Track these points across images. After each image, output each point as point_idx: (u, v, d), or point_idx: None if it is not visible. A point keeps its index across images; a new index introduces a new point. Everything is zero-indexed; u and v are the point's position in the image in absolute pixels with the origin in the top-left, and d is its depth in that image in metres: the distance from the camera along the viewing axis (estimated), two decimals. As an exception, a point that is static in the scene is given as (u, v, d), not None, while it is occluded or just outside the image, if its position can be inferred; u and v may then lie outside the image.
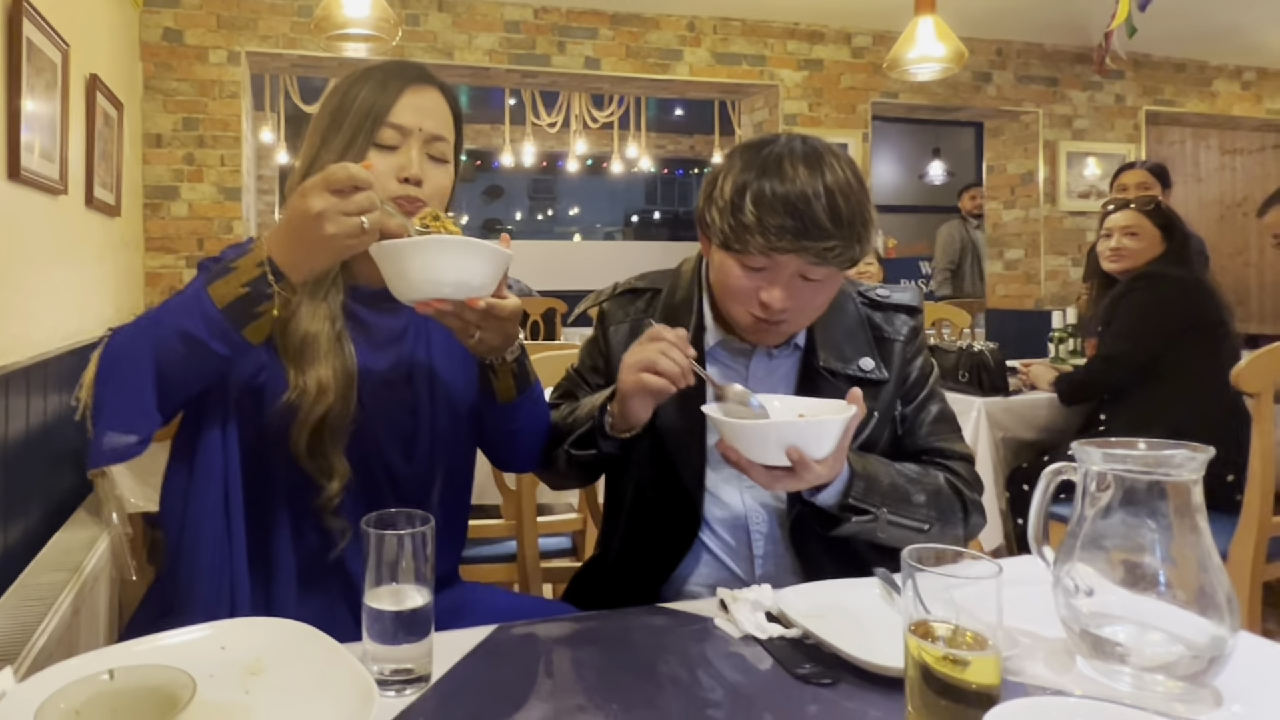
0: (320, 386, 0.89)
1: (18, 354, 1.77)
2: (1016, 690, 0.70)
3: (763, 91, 4.50)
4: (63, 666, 0.66)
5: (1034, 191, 4.96)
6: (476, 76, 4.19)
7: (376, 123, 0.93)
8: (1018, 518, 2.43)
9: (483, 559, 1.82)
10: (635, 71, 4.18)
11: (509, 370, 0.96)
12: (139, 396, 0.79)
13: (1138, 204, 2.37)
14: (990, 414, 2.41)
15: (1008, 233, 5.15)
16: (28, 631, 1.36)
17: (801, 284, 0.96)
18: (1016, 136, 5.06)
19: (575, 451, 1.01)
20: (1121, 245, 2.35)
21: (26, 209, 1.88)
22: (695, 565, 1.08)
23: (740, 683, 0.73)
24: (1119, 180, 3.27)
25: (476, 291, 0.83)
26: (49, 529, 1.84)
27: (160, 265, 3.49)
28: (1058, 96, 4.90)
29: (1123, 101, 5.03)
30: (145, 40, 3.46)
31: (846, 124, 4.49)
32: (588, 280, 10.46)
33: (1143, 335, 2.22)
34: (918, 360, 1.10)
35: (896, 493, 0.97)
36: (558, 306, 6.00)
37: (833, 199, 0.92)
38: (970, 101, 4.76)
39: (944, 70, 2.76)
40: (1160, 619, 0.71)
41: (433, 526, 0.71)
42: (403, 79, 0.95)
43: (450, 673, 0.73)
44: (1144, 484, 0.70)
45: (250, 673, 0.70)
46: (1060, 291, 4.91)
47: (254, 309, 0.79)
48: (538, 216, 12.73)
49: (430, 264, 0.80)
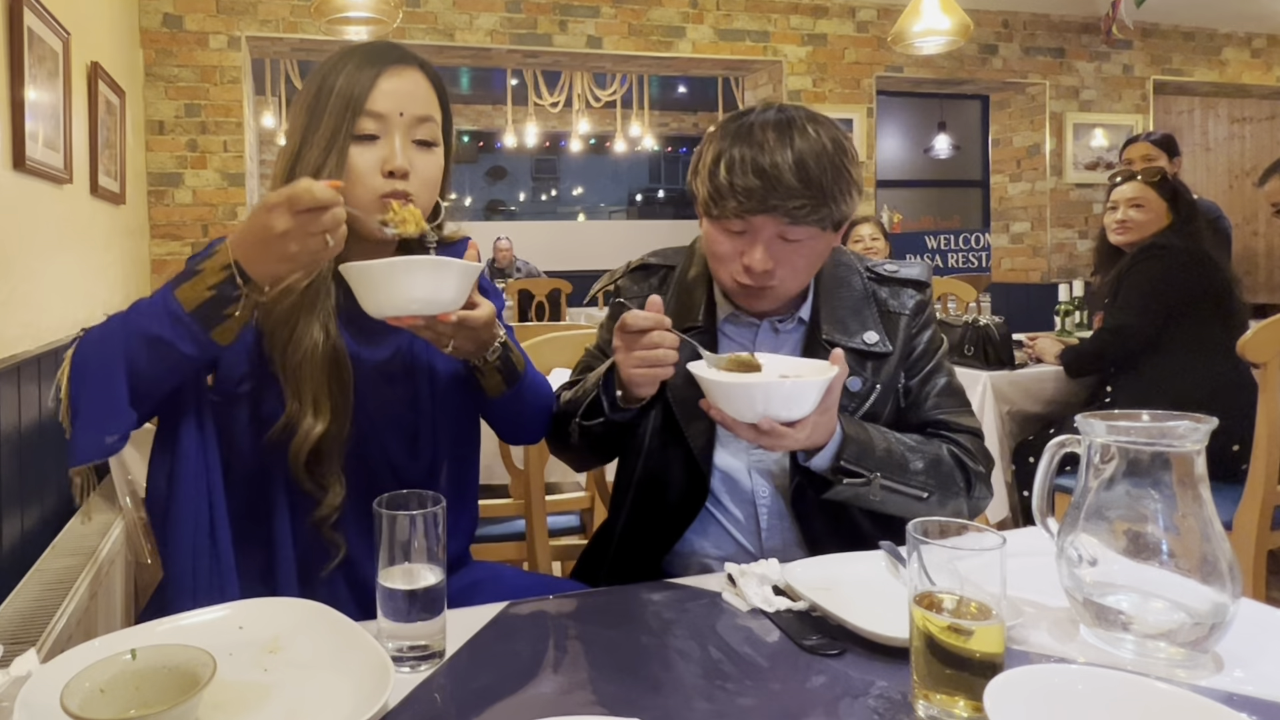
0: (317, 407, 0.89)
1: (28, 343, 1.78)
2: (1020, 658, 0.71)
3: (766, 67, 4.46)
4: (85, 647, 0.68)
5: (1040, 164, 4.92)
6: (478, 57, 4.17)
7: (355, 114, 0.89)
8: (1023, 490, 2.44)
9: (491, 538, 1.84)
10: (638, 49, 4.15)
11: (493, 369, 0.95)
12: (112, 397, 0.80)
13: (1144, 175, 2.35)
14: (996, 387, 2.41)
15: (1013, 206, 5.12)
16: (47, 615, 1.38)
17: (782, 245, 0.99)
18: (1023, 109, 5.01)
19: (585, 423, 1.02)
20: (1128, 217, 2.33)
21: (32, 198, 1.89)
22: (702, 538, 1.09)
23: (749, 655, 0.74)
24: (1125, 153, 3.25)
25: (446, 307, 0.83)
26: (64, 515, 1.86)
27: (166, 252, 3.50)
28: (1064, 68, 4.85)
29: (1130, 72, 4.97)
30: (145, 26, 3.45)
31: (851, 99, 4.46)
32: (593, 260, 10.40)
33: (1149, 307, 2.21)
34: (925, 334, 1.11)
35: (892, 459, 0.98)
36: (563, 287, 6.00)
37: (801, 160, 0.95)
38: (976, 74, 4.71)
39: (949, 43, 2.74)
40: (1163, 587, 0.72)
41: (444, 507, 0.72)
42: (377, 63, 0.91)
43: (463, 649, 0.74)
44: (1147, 455, 0.71)
45: (268, 651, 0.71)
46: (1067, 264, 4.89)
47: (221, 311, 0.79)
48: (541, 197, 12.69)
49: (398, 284, 0.80)
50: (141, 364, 0.80)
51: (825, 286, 1.10)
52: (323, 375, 0.91)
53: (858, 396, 1.05)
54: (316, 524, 0.92)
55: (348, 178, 0.89)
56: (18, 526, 1.61)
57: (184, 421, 0.89)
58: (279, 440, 0.91)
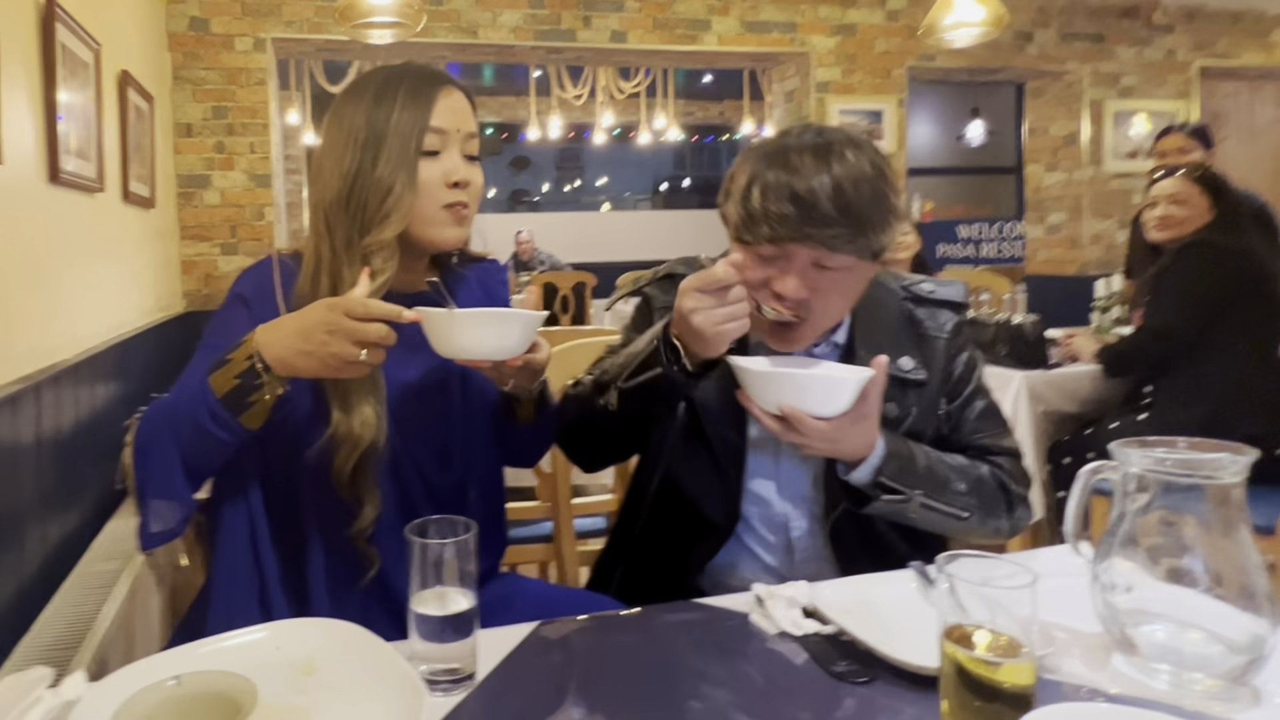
0: (364, 423, 0.92)
1: (66, 351, 1.83)
2: (1052, 688, 0.70)
3: (794, 59, 4.41)
4: (131, 670, 0.70)
5: (1077, 153, 4.80)
6: (501, 54, 4.17)
7: (423, 130, 0.95)
8: (1058, 491, 2.40)
9: (520, 540, 1.86)
10: (662, 43, 4.12)
11: (531, 402, 1.01)
12: (171, 482, 0.86)
13: (1186, 171, 2.29)
14: (1031, 387, 2.38)
15: (1049, 196, 5.01)
16: (88, 620, 1.42)
17: (819, 273, 0.95)
18: (1059, 96, 4.89)
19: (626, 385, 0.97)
20: (1168, 214, 2.28)
21: (66, 210, 1.93)
22: (733, 556, 1.09)
23: (777, 681, 0.74)
24: (1158, 146, 3.16)
25: (512, 353, 0.90)
26: (102, 517, 1.91)
27: (195, 253, 3.56)
28: (1104, 54, 4.72)
29: (1174, 57, 4.82)
30: (172, 30, 3.50)
31: (881, 90, 4.39)
32: (618, 252, 10.32)
33: (1190, 307, 2.16)
34: (962, 356, 1.09)
35: (934, 477, 0.97)
36: (588, 280, 5.98)
37: (839, 187, 0.91)
38: (1011, 62, 4.60)
39: (983, 35, 2.68)
40: (1200, 617, 0.70)
41: (475, 534, 0.73)
42: (432, 84, 0.97)
43: (494, 672, 0.76)
44: (1184, 485, 0.69)
45: (304, 672, 0.73)
46: (1105, 256, 4.78)
47: (246, 399, 0.83)
48: (565, 187, 12.69)
49: (469, 334, 0.88)
50: (190, 450, 0.86)
51: (861, 308, 1.07)
52: (365, 390, 0.93)
53: (892, 424, 1.03)
54: (353, 537, 0.95)
55: (417, 192, 0.95)
56: (58, 529, 1.66)
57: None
58: (316, 453, 0.93)
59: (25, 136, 1.67)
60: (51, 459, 1.63)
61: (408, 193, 0.93)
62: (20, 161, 1.63)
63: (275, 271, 0.99)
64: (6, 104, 1.52)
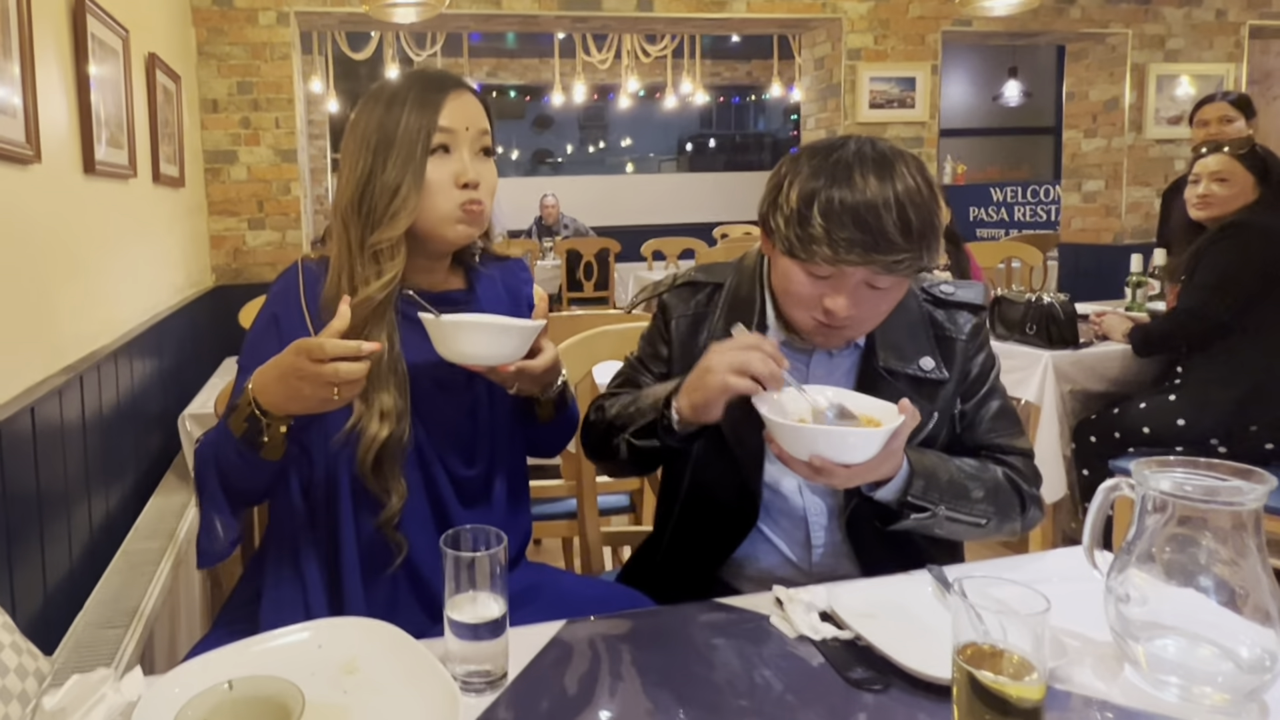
0: (384, 413, 0.96)
1: (106, 337, 1.88)
2: (1062, 699, 0.72)
3: (825, 25, 4.30)
4: (184, 670, 0.75)
5: (1119, 119, 4.65)
6: (526, 24, 4.12)
7: (430, 131, 0.97)
8: (1082, 469, 2.40)
9: (544, 516, 1.93)
10: (690, 11, 4.03)
11: (550, 402, 1.05)
12: (220, 508, 0.95)
13: (1231, 148, 2.22)
14: (1058, 367, 2.35)
15: (1087, 163, 4.87)
16: (137, 598, 1.49)
17: (868, 292, 0.96)
18: (1101, 60, 4.71)
19: (637, 442, 1.04)
20: (1210, 191, 2.21)
21: (101, 199, 1.96)
22: (754, 551, 1.12)
23: (794, 685, 0.77)
24: (1198, 115, 3.06)
25: (507, 359, 0.93)
26: (143, 496, 1.99)
27: (224, 229, 3.61)
28: (1150, 15, 4.53)
29: (1224, 17, 4.61)
30: (196, 6, 3.50)
31: (915, 55, 4.27)
32: (642, 215, 10.27)
33: (1227, 288, 2.11)
34: (979, 356, 1.10)
35: (955, 489, 0.98)
36: (611, 246, 5.96)
37: (903, 210, 0.90)
38: (1051, 25, 4.44)
39: (1022, 4, 2.60)
40: (1212, 632, 0.72)
41: (505, 546, 0.76)
42: (442, 87, 1.00)
43: (523, 673, 0.79)
44: (1202, 510, 0.70)
45: (346, 672, 0.77)
46: (1143, 224, 4.65)
47: (259, 439, 0.90)
48: (589, 149, 12.57)
49: (463, 341, 0.92)
50: (231, 480, 0.94)
51: None
52: (387, 383, 0.97)
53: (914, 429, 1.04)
54: (381, 525, 0.99)
55: (426, 191, 0.97)
56: (103, 510, 1.73)
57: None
58: (345, 443, 0.97)
59: (61, 131, 1.70)
60: (96, 443, 1.69)
61: (414, 192, 0.96)
62: (57, 157, 1.66)
63: (299, 279, 1.03)
64: (43, 101, 1.54)
